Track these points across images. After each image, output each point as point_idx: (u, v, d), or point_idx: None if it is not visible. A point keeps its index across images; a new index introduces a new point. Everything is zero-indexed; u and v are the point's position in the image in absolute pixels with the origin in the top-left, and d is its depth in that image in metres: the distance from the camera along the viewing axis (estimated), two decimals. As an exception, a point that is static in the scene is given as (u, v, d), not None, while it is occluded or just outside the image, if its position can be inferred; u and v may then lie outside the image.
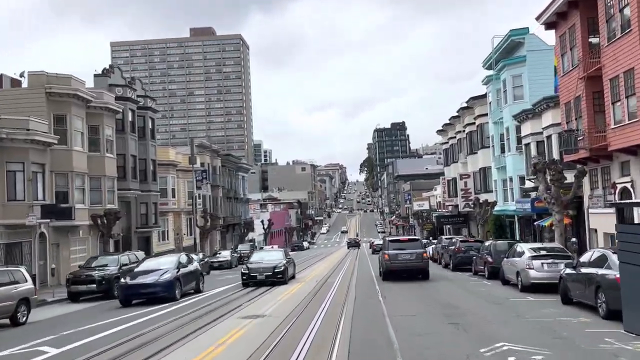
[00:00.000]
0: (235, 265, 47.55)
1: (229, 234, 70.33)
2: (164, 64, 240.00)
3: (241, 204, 76.47)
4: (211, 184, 60.70)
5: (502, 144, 40.02)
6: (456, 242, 31.03)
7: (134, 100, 40.69)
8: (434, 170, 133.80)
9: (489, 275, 24.13)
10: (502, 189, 40.59)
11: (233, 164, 71.18)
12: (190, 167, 48.40)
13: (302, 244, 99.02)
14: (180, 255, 24.66)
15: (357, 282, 25.21)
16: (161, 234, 46.99)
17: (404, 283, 23.48)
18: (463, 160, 52.41)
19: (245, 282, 25.08)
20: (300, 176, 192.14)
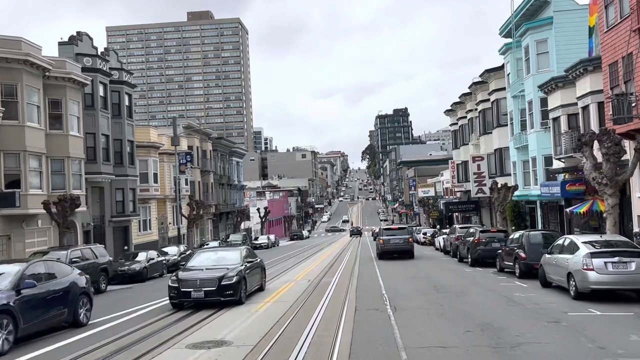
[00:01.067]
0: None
1: (222, 223, 65.85)
2: (160, 49, 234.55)
3: (235, 191, 71.89)
4: (201, 169, 56.10)
5: (523, 120, 35.29)
6: (475, 232, 26.42)
7: (106, 72, 35.94)
8: (439, 157, 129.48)
9: (521, 274, 19.54)
10: (523, 171, 35.91)
11: (226, 148, 66.49)
12: (183, 152, 43.77)
13: (301, 233, 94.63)
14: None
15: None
16: (142, 223, 42.44)
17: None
18: (475, 142, 47.69)
19: (175, 303, 15.69)
20: (301, 163, 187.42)
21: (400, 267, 26.86)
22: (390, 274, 23.17)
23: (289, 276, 24.19)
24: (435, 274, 22.46)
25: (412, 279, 20.92)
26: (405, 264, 28.26)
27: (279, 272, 26.33)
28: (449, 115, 59.80)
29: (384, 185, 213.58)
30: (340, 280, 21.08)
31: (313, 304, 14.99)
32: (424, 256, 34.41)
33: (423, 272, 23.73)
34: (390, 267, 26.57)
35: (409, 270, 24.52)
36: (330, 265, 29.96)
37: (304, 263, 33.05)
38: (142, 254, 28.76)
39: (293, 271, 27.04)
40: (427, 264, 27.95)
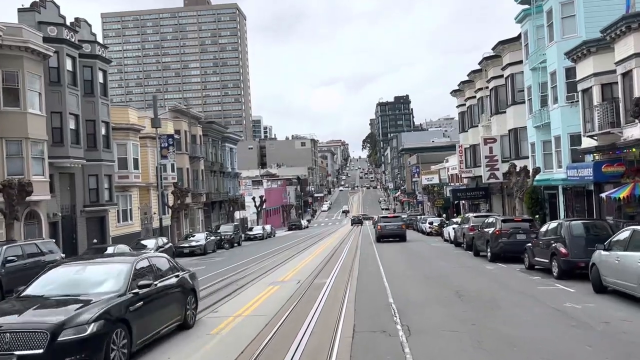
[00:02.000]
0: (212, 250, 39.47)
1: (214, 212, 62.06)
2: (157, 35, 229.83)
3: (229, 179, 68.02)
4: (190, 155, 52.20)
5: (544, 95, 31.33)
6: (495, 221, 22.50)
7: (74, 44, 31.93)
8: (442, 143, 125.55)
9: (561, 274, 15.70)
10: (543, 153, 32.00)
11: (217, 134, 62.52)
12: (165, 135, 39.90)
13: (300, 222, 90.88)
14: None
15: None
16: (121, 213, 38.63)
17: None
18: (486, 123, 43.72)
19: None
20: (300, 151, 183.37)
21: (408, 263, 23.07)
22: (397, 272, 19.38)
23: (276, 275, 20.39)
24: (451, 273, 18.65)
25: (425, 279, 17.10)
26: (413, 260, 24.48)
27: (266, 270, 22.53)
28: (455, 96, 55.77)
29: (385, 174, 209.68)
30: (337, 282, 17.26)
31: (296, 322, 11.12)
32: (433, 249, 30.62)
33: (436, 269, 19.92)
34: (397, 264, 22.79)
35: (419, 268, 20.74)
36: (327, 259, 26.19)
37: (297, 257, 29.29)
38: (111, 249, 24.92)
39: (283, 268, 23.25)
40: (439, 259, 24.14)
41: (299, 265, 23.80)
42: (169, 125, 46.65)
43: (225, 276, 20.89)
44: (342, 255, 28.49)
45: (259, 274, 21.23)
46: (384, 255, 27.39)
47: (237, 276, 20.85)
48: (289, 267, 23.61)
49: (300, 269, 22.05)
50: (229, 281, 19.01)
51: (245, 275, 20.85)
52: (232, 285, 17.66)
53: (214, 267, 26.39)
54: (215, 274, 22.03)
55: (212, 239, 39.68)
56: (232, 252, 38.70)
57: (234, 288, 16.83)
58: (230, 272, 22.71)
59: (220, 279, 19.78)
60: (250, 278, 19.70)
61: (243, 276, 20.70)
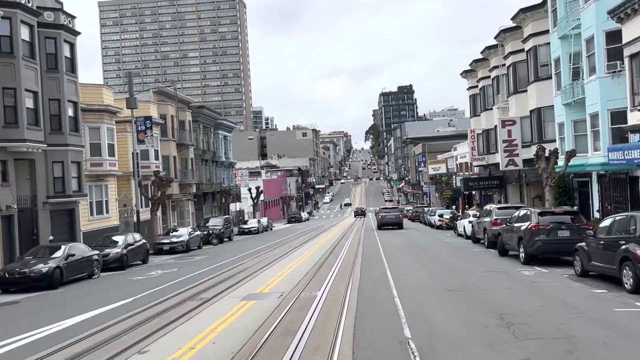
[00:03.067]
0: (198, 247, 35.35)
1: (206, 204, 57.87)
2: (155, 24, 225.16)
3: (223, 168, 63.75)
4: (177, 142, 47.93)
5: (576, 67, 26.95)
6: (530, 214, 18.13)
7: (31, 9, 27.57)
8: (447, 133, 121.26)
9: (638, 286, 11.42)
10: (574, 134, 27.65)
11: (210, 120, 58.17)
12: (141, 117, 35.61)
13: (299, 215, 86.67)
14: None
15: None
16: (95, 205, 34.42)
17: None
18: (502, 104, 39.29)
19: None
20: (302, 142, 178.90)
21: (421, 266, 18.81)
22: (409, 280, 15.15)
23: (257, 282, 16.15)
24: (481, 282, 14.38)
25: (449, 294, 12.82)
26: (427, 261, 20.23)
27: (247, 274, 18.30)
28: (466, 77, 51.29)
29: (389, 165, 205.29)
30: (331, 296, 13.02)
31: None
32: (447, 246, 26.34)
33: (460, 276, 15.66)
34: (408, 267, 18.55)
35: (436, 273, 16.48)
36: (323, 259, 21.99)
37: (290, 255, 25.09)
38: (63, 249, 20.71)
39: (269, 271, 19.03)
40: (458, 260, 19.88)
41: (289, 268, 19.57)
42: (152, 108, 42.35)
43: (193, 284, 16.67)
44: (341, 253, 24.24)
45: (236, 280, 17.02)
46: (390, 253, 23.17)
47: (208, 283, 16.62)
48: (276, 269, 19.39)
49: (289, 273, 17.82)
50: (192, 292, 14.79)
51: (219, 282, 16.64)
52: (193, 300, 13.43)
53: (188, 268, 22.20)
54: (182, 280, 17.81)
55: (196, 234, 35.49)
56: (220, 249, 34.53)
57: (193, 305, 12.59)
58: (202, 277, 18.51)
59: (184, 289, 15.55)
60: (223, 287, 15.48)
61: (215, 283, 16.49)
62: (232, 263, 23.08)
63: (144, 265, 26.21)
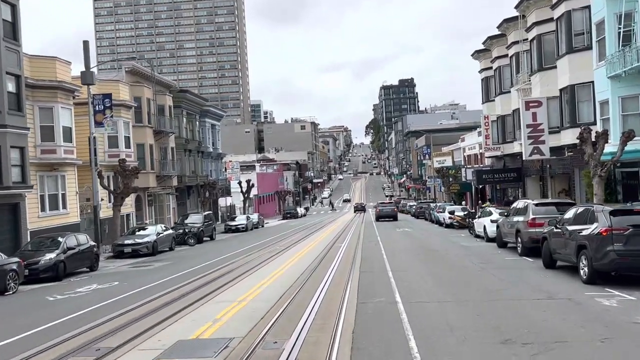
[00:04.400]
0: (169, 248, 30.30)
1: (191, 198, 52.71)
2: (150, 14, 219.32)
3: (210, 160, 58.51)
4: (154, 129, 42.72)
5: (627, 30, 21.74)
6: (596, 214, 12.84)
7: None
8: (450, 126, 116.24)
9: None
10: (621, 113, 22.48)
11: (194, 106, 52.87)
12: (99, 95, 30.31)
13: (295, 211, 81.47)
14: None
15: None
16: (48, 199, 29.21)
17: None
18: (524, 85, 33.98)
19: None
20: (300, 135, 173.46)
21: (443, 287, 13.56)
22: (435, 314, 9.99)
23: (206, 313, 10.99)
24: (545, 321, 9.20)
25: (509, 348, 7.60)
26: (449, 277, 14.99)
27: (199, 297, 13.11)
28: (478, 58, 45.99)
29: (389, 160, 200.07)
30: (307, 350, 7.82)
31: None
32: (467, 251, 21.13)
33: (510, 308, 10.42)
34: (428, 286, 13.38)
35: (473, 304, 11.19)
36: (310, 271, 16.87)
37: (269, 264, 19.98)
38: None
39: (229, 292, 13.89)
40: (494, 277, 14.61)
41: (259, 286, 14.42)
42: (122, 89, 37.11)
43: (115, 312, 11.55)
44: (333, 263, 19.06)
45: (178, 307, 11.89)
46: (397, 262, 18.03)
47: (135, 312, 11.49)
48: (241, 288, 14.23)
49: (256, 297, 12.67)
50: (97, 334, 9.60)
51: (151, 312, 11.50)
52: (79, 356, 8.23)
53: (134, 281, 17.07)
54: (107, 305, 12.69)
55: (167, 234, 30.31)
56: (193, 252, 29.39)
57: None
58: (140, 297, 13.39)
59: (93, 325, 10.38)
60: (150, 323, 10.33)
61: (145, 313, 11.37)
62: (194, 274, 17.94)
63: (89, 273, 21.06)
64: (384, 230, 37.72)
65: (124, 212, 37.98)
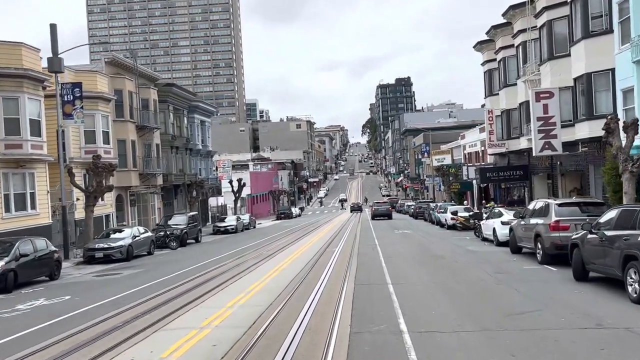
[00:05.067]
0: (147, 252, 27.77)
1: (178, 198, 50.08)
2: (144, 12, 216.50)
3: (199, 158, 55.90)
4: (137, 124, 40.13)
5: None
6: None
7: None
8: (448, 124, 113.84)
9: None
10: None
11: (182, 102, 50.25)
12: (68, 84, 27.68)
13: (290, 211, 78.91)
14: None
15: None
16: (14, 198, 26.60)
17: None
18: (531, 76, 31.48)
19: None
20: (296, 134, 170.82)
21: (465, 310, 10.99)
22: (453, 356, 7.43)
23: (156, 345, 8.46)
24: None
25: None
26: (471, 301, 12.41)
27: (157, 319, 10.58)
28: (480, 50, 43.54)
29: (386, 159, 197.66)
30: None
31: None
32: (479, 258, 18.58)
33: (548, 340, 7.93)
34: (440, 308, 10.85)
35: (505, 338, 8.69)
36: (297, 283, 14.38)
37: (257, 271, 17.54)
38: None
39: (199, 311, 11.37)
40: (517, 292, 12.06)
41: (235, 301, 11.92)
42: (99, 80, 34.54)
43: (44, 342, 8.97)
44: (324, 273, 16.53)
45: (132, 331, 9.38)
46: (399, 273, 15.55)
47: (70, 343, 8.92)
48: (211, 307, 11.70)
49: (222, 323, 10.13)
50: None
51: (89, 341, 8.94)
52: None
53: (92, 294, 14.58)
54: (37, 331, 10.10)
55: (145, 237, 27.74)
56: (174, 256, 26.85)
57: None
58: (88, 317, 10.86)
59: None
60: (85, 357, 7.77)
61: (84, 341, 8.82)
62: (161, 286, 15.41)
63: (47, 283, 18.48)
64: (382, 232, 35.24)
65: (103, 213, 35.46)
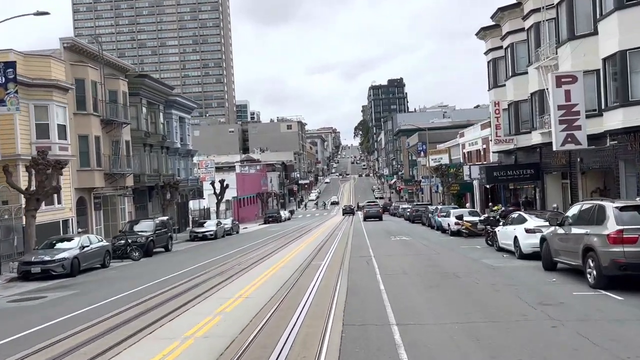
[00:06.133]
0: (102, 265, 23.53)
1: (153, 201, 45.75)
2: (131, 10, 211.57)
3: (178, 158, 51.61)
4: (102, 118, 35.90)
5: None
6: None
7: None
8: (442, 124, 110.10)
9: None
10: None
11: (158, 95, 45.93)
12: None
13: (278, 214, 74.66)
14: None
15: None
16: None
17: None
18: (546, 61, 27.46)
19: None
20: (286, 135, 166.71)
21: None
22: None
23: None
24: None
25: None
26: (520, 347, 8.31)
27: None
28: (484, 37, 39.52)
29: (379, 161, 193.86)
30: None
31: None
32: (506, 278, 14.44)
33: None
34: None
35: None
36: (267, 311, 10.29)
37: (218, 294, 13.45)
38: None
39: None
40: (585, 343, 8.02)
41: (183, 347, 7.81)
42: (55, 67, 30.32)
43: None
44: (307, 294, 12.46)
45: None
46: (402, 295, 11.64)
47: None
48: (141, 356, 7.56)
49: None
50: None
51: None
52: None
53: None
54: None
55: (98, 247, 23.52)
56: (133, 269, 22.66)
57: None
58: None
59: None
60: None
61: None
62: (88, 317, 11.28)
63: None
64: (377, 238, 31.15)
65: (61, 218, 31.26)
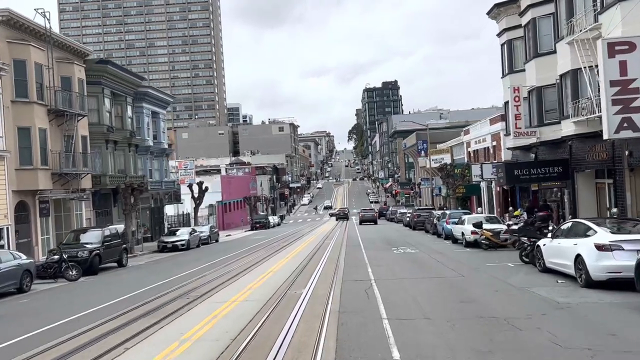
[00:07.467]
0: (17, 289, 17.96)
1: (118, 206, 40.05)
2: (119, 10, 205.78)
3: (151, 158, 45.96)
4: (50, 108, 30.35)
5: None
6: None
7: None
8: (440, 125, 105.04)
9: None
10: None
11: (125, 86, 40.30)
12: None
13: (266, 220, 69.12)
14: None
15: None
16: None
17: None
18: (583, 34, 22.10)
19: None
20: (278, 137, 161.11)
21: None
22: None
23: None
24: None
25: None
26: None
27: None
28: (496, 17, 34.18)
29: (373, 164, 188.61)
30: None
31: None
32: (590, 328, 9.13)
33: None
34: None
35: None
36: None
37: (155, 338, 7.84)
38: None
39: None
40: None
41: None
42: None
43: None
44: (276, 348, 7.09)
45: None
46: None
47: None
48: None
49: None
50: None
51: None
52: None
53: None
54: None
55: (11, 266, 17.95)
56: (59, 295, 17.25)
57: None
58: None
59: None
60: None
61: None
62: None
63: None
64: (376, 250, 25.64)
65: None
